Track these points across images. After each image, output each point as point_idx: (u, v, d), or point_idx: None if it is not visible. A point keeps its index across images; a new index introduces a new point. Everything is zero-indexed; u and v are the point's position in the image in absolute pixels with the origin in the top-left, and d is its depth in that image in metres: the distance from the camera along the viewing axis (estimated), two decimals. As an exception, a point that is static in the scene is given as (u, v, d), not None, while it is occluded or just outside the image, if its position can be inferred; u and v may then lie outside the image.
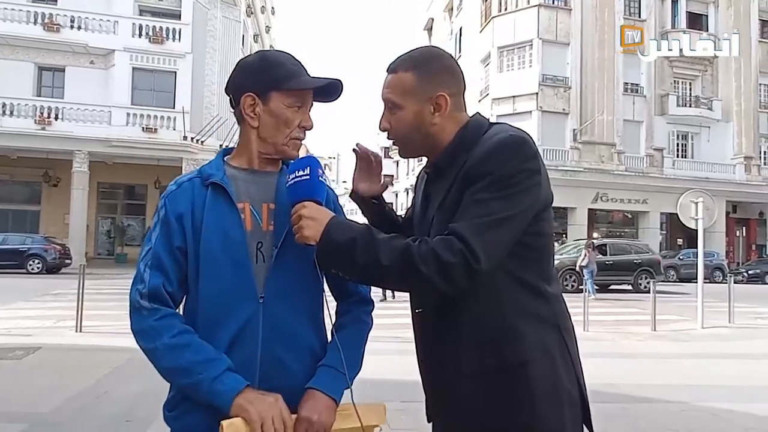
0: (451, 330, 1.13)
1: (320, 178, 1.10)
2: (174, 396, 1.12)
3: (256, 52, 1.23)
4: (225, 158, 1.21)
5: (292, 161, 1.15)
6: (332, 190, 1.26)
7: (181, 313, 1.14)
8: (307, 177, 1.09)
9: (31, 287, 12.07)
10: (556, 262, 1.13)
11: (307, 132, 1.19)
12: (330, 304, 1.24)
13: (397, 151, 1.29)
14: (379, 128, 1.22)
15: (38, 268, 16.35)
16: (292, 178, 1.10)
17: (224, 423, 0.98)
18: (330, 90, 1.20)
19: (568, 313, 1.20)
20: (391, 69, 1.21)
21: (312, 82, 1.16)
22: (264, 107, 1.14)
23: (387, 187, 1.42)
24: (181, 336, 1.06)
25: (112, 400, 4.01)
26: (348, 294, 1.26)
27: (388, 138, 1.24)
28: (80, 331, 6.57)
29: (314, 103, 1.21)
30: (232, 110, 1.19)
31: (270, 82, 1.13)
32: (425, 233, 1.12)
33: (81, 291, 6.80)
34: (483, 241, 1.00)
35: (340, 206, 1.28)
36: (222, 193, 1.12)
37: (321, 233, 1.05)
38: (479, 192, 1.04)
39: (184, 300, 1.15)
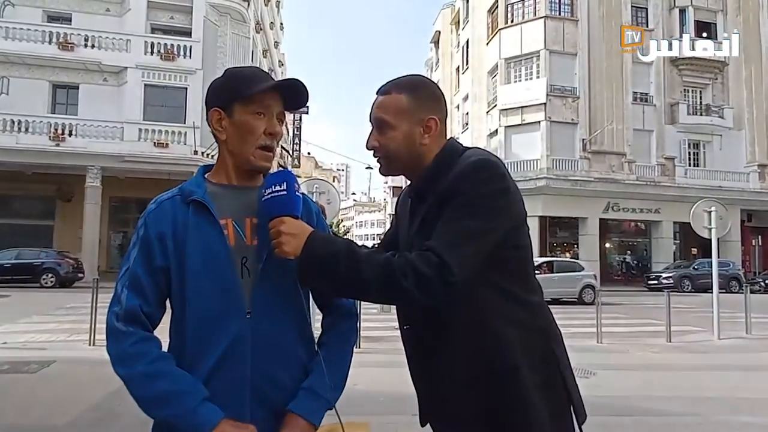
0: (439, 342, 1.19)
1: (297, 193, 1.11)
2: (162, 421, 1.10)
3: (224, 71, 1.25)
4: (206, 175, 1.21)
5: (268, 175, 1.15)
6: (314, 202, 1.28)
7: (168, 330, 1.13)
8: (284, 192, 1.09)
9: (45, 301, 12.20)
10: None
11: (276, 139, 1.18)
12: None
13: (379, 168, 1.32)
14: (367, 147, 1.28)
15: (52, 282, 16.52)
16: (269, 193, 1.10)
17: None
18: (294, 94, 1.20)
19: (554, 321, 1.26)
20: (383, 91, 1.27)
21: (268, 85, 1.16)
22: (229, 120, 1.15)
23: None
24: (155, 364, 1.04)
25: (127, 413, 4.01)
26: (332, 307, 1.25)
27: (374, 156, 1.29)
28: (94, 345, 6.61)
29: (289, 112, 1.22)
30: (210, 131, 1.20)
31: (231, 94, 1.15)
32: (408, 251, 1.16)
33: (94, 305, 6.86)
34: (456, 255, 1.07)
35: (323, 218, 1.30)
36: (204, 210, 1.11)
37: (301, 248, 1.07)
38: (452, 211, 1.12)
39: (170, 318, 1.14)
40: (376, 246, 1.51)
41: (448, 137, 1.30)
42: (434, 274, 1.05)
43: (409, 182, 1.37)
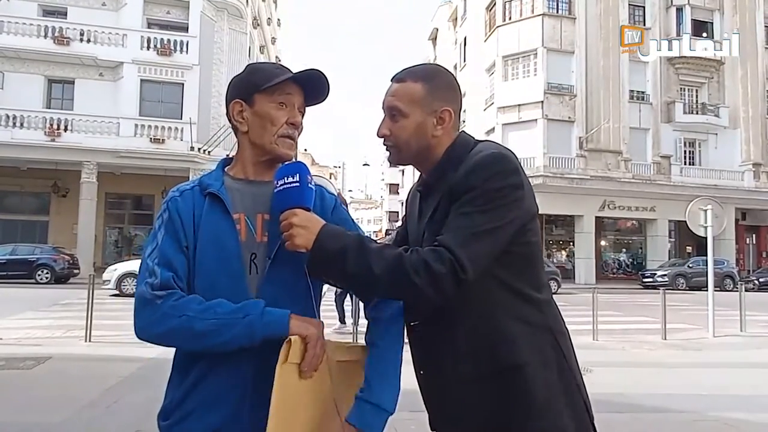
0: (447, 339, 1.16)
1: (310, 185, 1.10)
2: (167, 405, 1.11)
3: (246, 66, 1.26)
4: (225, 168, 1.22)
5: (280, 166, 1.14)
6: (331, 194, 1.26)
7: None
8: (297, 184, 1.08)
9: (41, 297, 12.14)
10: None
11: (297, 130, 1.19)
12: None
13: (388, 156, 1.30)
14: (378, 134, 1.25)
15: (47, 278, 16.42)
16: (281, 184, 1.09)
17: (292, 338, 1.03)
18: (315, 86, 1.20)
19: (562, 317, 1.24)
20: (398, 78, 1.24)
21: (289, 74, 1.16)
22: (251, 110, 1.17)
23: None
24: (207, 303, 1.05)
25: (122, 409, 4.01)
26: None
27: (384, 143, 1.26)
28: (89, 341, 6.59)
29: (309, 106, 1.23)
30: (230, 125, 1.21)
31: (253, 86, 1.17)
32: (418, 246, 1.14)
33: (90, 301, 6.83)
34: (468, 251, 1.05)
35: (344, 208, 1.28)
36: (219, 203, 1.12)
37: (312, 241, 1.06)
38: (464, 206, 1.10)
39: None
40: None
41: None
42: (447, 271, 1.03)
43: (417, 179, 1.35)
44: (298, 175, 1.08)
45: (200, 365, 1.08)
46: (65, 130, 18.57)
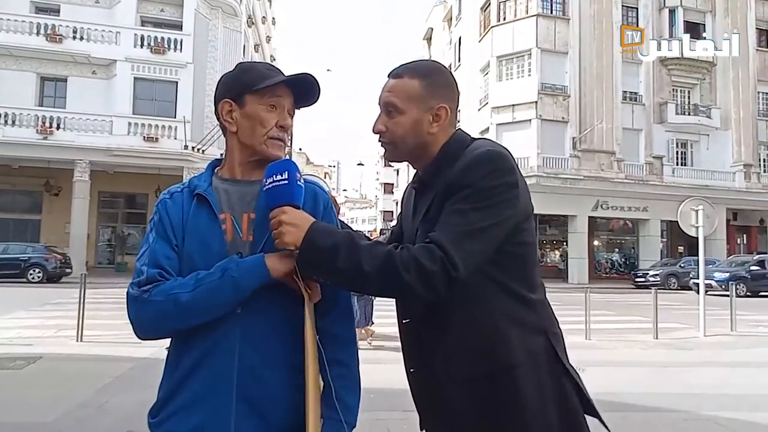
0: (439, 338, 1.15)
1: (299, 182, 1.09)
2: (156, 402, 1.12)
3: (236, 64, 1.26)
4: (215, 169, 1.22)
5: (270, 164, 1.13)
6: (325, 192, 1.26)
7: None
8: (286, 181, 1.07)
9: (32, 296, 12.06)
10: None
11: (287, 132, 1.19)
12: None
13: (383, 152, 1.30)
14: (373, 130, 1.24)
15: (39, 277, 16.30)
16: (270, 182, 1.08)
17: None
18: (306, 89, 1.20)
19: (556, 318, 1.23)
20: (396, 74, 1.23)
21: (281, 78, 1.16)
22: (240, 111, 1.16)
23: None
24: (184, 278, 1.07)
25: (114, 409, 4.00)
26: (328, 307, 1.15)
27: (379, 140, 1.26)
28: (81, 341, 6.56)
29: (299, 108, 1.23)
30: (218, 124, 1.21)
31: (243, 86, 1.16)
32: (411, 244, 1.13)
33: (82, 300, 6.79)
34: (461, 250, 1.04)
35: (334, 212, 1.27)
36: (205, 204, 1.13)
37: (302, 239, 1.05)
38: (458, 203, 1.08)
39: None
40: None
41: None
42: (438, 269, 1.02)
43: (412, 176, 1.34)
44: (286, 172, 1.08)
45: (187, 362, 1.08)
46: (58, 128, 18.44)
